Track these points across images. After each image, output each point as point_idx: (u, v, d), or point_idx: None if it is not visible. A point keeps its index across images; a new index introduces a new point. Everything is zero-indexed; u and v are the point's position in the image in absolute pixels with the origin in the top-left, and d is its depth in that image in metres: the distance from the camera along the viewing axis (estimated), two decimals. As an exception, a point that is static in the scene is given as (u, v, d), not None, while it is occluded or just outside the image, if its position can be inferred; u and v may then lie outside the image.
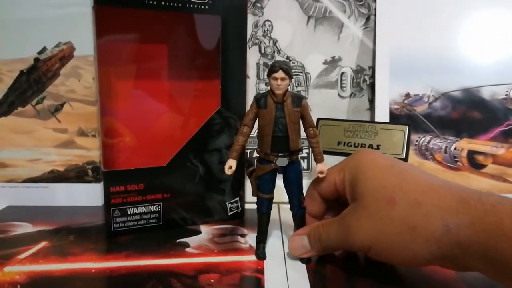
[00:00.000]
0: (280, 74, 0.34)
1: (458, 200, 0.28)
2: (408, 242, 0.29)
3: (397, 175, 0.31)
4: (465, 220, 0.27)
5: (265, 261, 0.38)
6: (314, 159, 0.37)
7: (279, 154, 0.36)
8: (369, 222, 0.31)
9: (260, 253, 0.39)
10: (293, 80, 0.58)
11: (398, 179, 0.31)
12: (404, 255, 0.30)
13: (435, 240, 0.28)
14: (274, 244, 0.41)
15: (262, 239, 0.39)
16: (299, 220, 0.39)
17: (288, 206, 0.40)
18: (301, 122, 0.37)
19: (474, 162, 0.57)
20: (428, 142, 0.57)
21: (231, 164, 0.36)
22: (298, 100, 0.36)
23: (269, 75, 0.35)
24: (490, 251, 0.25)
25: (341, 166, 0.37)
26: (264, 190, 0.38)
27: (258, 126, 0.37)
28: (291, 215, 0.40)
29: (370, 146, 0.43)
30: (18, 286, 0.33)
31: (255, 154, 0.39)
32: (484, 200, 0.27)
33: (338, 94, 0.59)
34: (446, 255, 0.28)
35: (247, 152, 0.55)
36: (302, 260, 0.38)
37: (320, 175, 0.37)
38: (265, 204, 0.38)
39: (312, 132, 0.37)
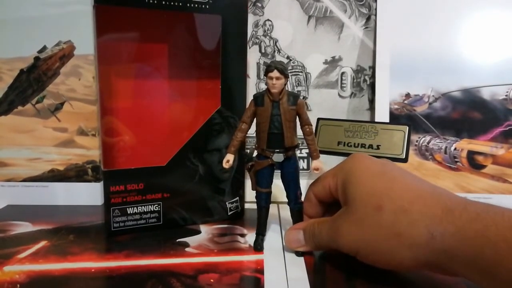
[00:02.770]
0: (275, 73, 0.35)
1: (443, 209, 0.28)
2: (393, 248, 0.30)
3: (387, 182, 0.32)
4: (449, 228, 0.27)
5: (264, 261, 0.38)
6: (310, 156, 0.39)
7: (275, 150, 0.38)
8: (357, 227, 0.32)
9: (258, 245, 0.40)
10: (293, 79, 0.58)
11: (387, 186, 0.32)
12: (390, 260, 0.30)
13: (419, 247, 0.28)
14: (274, 244, 0.41)
15: (261, 232, 0.41)
16: (297, 215, 0.40)
17: (287, 205, 0.40)
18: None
19: (474, 163, 0.57)
20: (428, 143, 0.57)
21: (228, 159, 0.38)
22: (294, 98, 0.37)
23: (265, 74, 0.36)
24: (476, 258, 0.26)
25: (335, 171, 0.38)
26: (262, 185, 0.39)
27: (256, 123, 0.39)
28: (289, 211, 0.41)
29: (370, 146, 0.43)
30: (18, 285, 0.33)
31: (255, 153, 0.40)
32: (469, 209, 0.28)
33: (338, 94, 0.59)
34: (431, 262, 0.29)
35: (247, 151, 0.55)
36: (297, 253, 0.39)
37: (316, 171, 0.38)
38: (263, 197, 0.40)
39: (308, 129, 0.38)
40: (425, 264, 0.29)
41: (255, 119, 0.39)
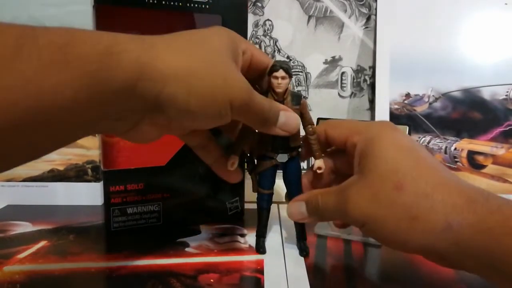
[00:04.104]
0: (280, 73, 0.35)
1: (466, 199, 0.27)
2: (404, 230, 0.28)
3: (412, 161, 0.30)
4: (469, 219, 0.26)
5: (264, 261, 0.38)
6: (313, 155, 0.38)
7: (279, 151, 0.37)
8: (369, 201, 0.30)
9: (260, 247, 0.39)
10: (293, 79, 0.58)
11: (412, 165, 0.30)
12: (395, 240, 0.29)
13: (433, 235, 0.27)
14: (274, 244, 0.41)
15: (262, 234, 0.40)
16: None
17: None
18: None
19: (474, 163, 0.57)
20: (428, 142, 0.57)
21: (233, 160, 0.37)
22: (298, 98, 0.37)
23: (269, 74, 0.36)
24: (492, 249, 0.25)
25: (357, 128, 0.35)
26: (264, 186, 0.39)
27: None
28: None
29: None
30: (18, 285, 0.33)
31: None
32: (491, 201, 0.27)
33: (339, 94, 0.59)
34: (439, 251, 0.28)
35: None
36: (301, 253, 0.39)
37: (319, 171, 0.37)
38: (265, 199, 0.39)
39: (310, 129, 0.38)
40: (430, 252, 0.28)
41: None
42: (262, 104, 0.31)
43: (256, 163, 0.39)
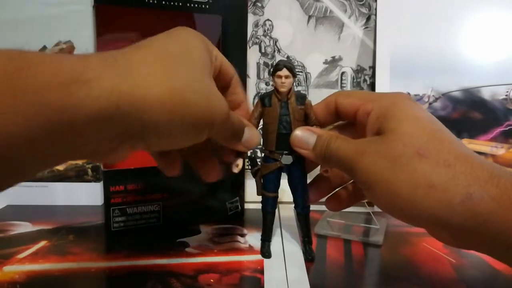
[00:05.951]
0: (284, 72, 0.35)
1: (489, 173, 0.26)
2: (418, 199, 0.27)
3: (436, 132, 0.29)
4: (491, 192, 0.25)
5: (264, 261, 0.38)
6: None
7: (284, 152, 0.37)
8: (387, 162, 0.28)
9: (265, 251, 0.39)
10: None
11: (435, 135, 0.29)
12: (405, 208, 0.28)
13: (450, 206, 0.26)
14: (274, 244, 0.41)
15: (267, 238, 0.40)
16: (304, 219, 0.39)
17: (288, 205, 0.40)
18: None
19: (474, 163, 0.57)
20: (428, 142, 0.57)
21: (238, 162, 0.37)
22: (302, 98, 0.37)
23: (273, 74, 0.36)
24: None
25: (371, 97, 0.33)
26: (269, 189, 0.38)
27: (263, 124, 0.37)
28: (295, 215, 0.40)
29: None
30: (18, 285, 0.33)
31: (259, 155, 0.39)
32: None
33: (338, 94, 0.59)
34: (453, 225, 0.26)
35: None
36: (306, 258, 0.38)
37: (325, 174, 0.37)
38: (270, 202, 0.39)
39: None
40: (441, 226, 0.27)
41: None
42: (234, 120, 0.30)
43: (260, 166, 0.38)
